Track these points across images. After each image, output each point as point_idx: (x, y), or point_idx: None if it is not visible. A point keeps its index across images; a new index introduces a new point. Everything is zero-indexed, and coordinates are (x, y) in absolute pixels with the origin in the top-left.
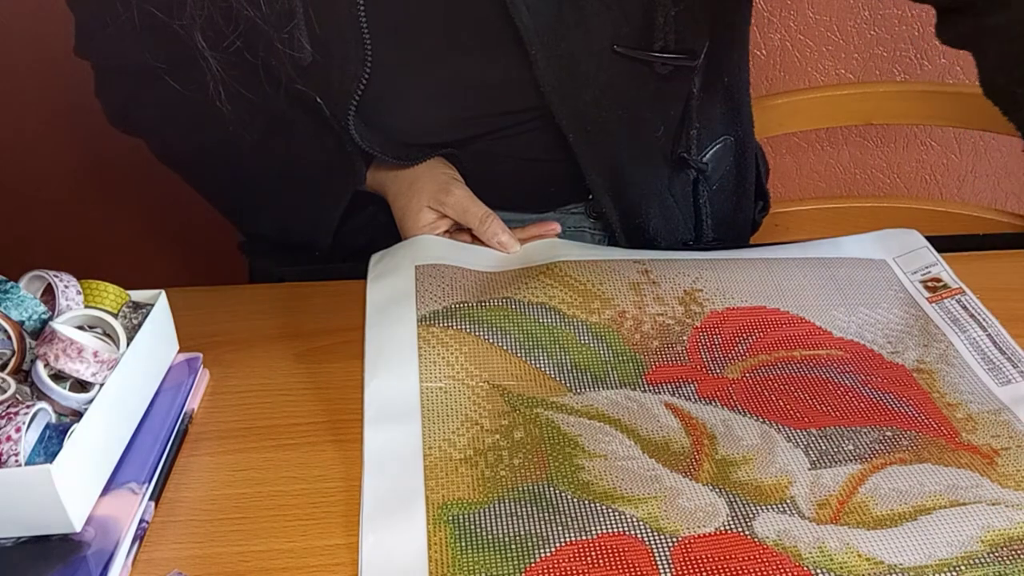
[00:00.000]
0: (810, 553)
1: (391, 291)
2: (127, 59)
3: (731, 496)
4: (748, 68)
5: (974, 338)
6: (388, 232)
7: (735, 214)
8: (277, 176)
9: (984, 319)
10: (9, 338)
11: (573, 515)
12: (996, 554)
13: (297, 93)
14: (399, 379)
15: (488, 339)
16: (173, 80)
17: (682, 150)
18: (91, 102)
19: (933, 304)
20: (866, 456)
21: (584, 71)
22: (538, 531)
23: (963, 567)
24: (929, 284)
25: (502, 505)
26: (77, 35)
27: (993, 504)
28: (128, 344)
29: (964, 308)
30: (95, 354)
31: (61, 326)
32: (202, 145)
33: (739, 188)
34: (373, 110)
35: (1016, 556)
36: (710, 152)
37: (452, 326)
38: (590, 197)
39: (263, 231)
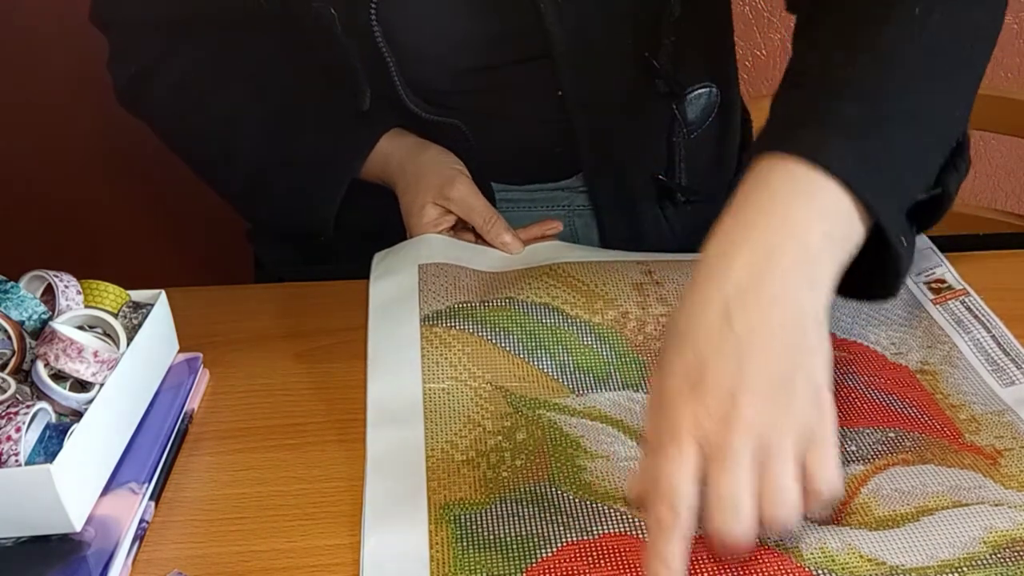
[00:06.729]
0: (812, 554)
1: (394, 290)
2: (156, 12)
3: None
4: (731, 25)
5: (978, 339)
6: (397, 218)
7: (712, 172)
8: (279, 160)
9: (988, 321)
10: (9, 338)
11: (575, 515)
12: (998, 555)
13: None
14: (401, 379)
15: (491, 340)
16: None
17: (655, 59)
18: (92, 102)
19: (937, 306)
20: (869, 457)
21: None
22: (539, 531)
23: (965, 568)
24: (933, 286)
25: (504, 505)
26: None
27: (996, 505)
28: (128, 344)
29: (968, 310)
30: (95, 354)
31: (61, 326)
32: (211, 119)
33: (720, 146)
34: (388, 23)
35: (1018, 557)
36: (692, 94)
37: (455, 326)
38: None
39: (263, 216)
